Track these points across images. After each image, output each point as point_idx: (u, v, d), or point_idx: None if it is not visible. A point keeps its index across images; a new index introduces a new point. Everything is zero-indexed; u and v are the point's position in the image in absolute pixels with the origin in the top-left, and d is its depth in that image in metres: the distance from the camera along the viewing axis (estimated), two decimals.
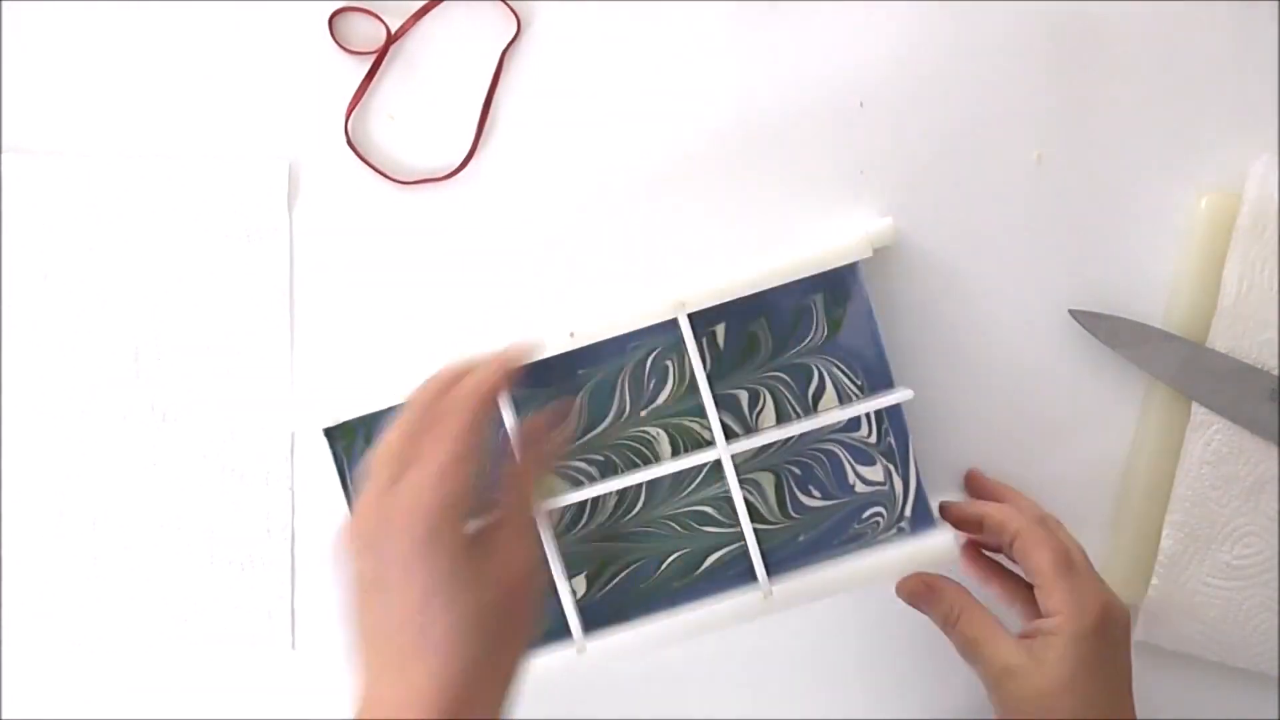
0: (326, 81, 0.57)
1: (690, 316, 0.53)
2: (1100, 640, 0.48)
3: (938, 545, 0.54)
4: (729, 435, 0.54)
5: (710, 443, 0.54)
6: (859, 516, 0.55)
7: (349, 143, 0.57)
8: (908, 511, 0.54)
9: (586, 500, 0.54)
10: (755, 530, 0.54)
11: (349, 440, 0.55)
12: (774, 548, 0.54)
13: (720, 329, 0.54)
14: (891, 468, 0.54)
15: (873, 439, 0.54)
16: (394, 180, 0.57)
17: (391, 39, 0.57)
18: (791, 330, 0.54)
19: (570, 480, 0.54)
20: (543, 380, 0.54)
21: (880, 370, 0.54)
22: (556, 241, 0.58)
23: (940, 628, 0.51)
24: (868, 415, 0.54)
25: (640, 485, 0.54)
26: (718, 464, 0.54)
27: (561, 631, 0.54)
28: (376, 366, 0.58)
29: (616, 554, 0.54)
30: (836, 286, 0.54)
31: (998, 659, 0.49)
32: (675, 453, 0.54)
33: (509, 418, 0.53)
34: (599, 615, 0.54)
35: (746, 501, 0.54)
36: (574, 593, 0.54)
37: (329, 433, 0.55)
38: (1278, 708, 0.57)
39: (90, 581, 0.57)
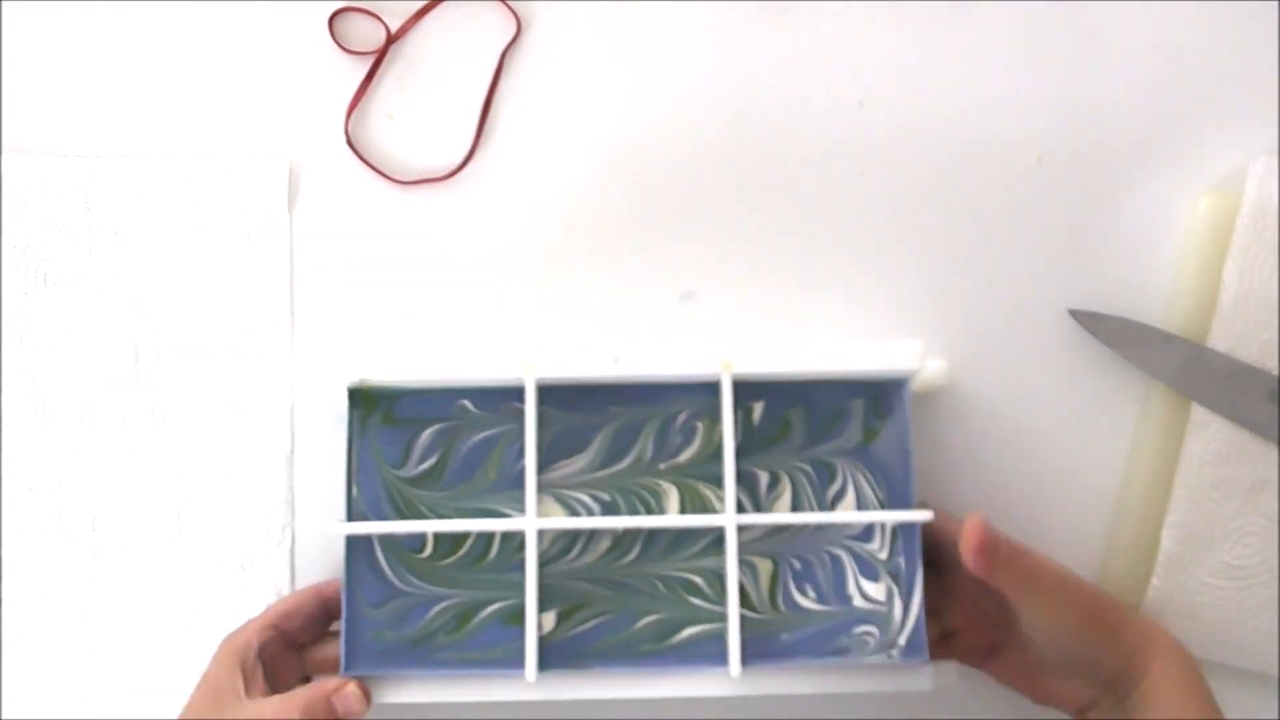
0: (326, 81, 0.57)
1: (733, 388, 0.53)
2: None
3: (920, 684, 0.53)
4: (740, 511, 0.53)
5: (719, 514, 0.53)
6: (849, 630, 0.53)
7: (349, 143, 0.57)
8: (901, 640, 0.52)
9: (581, 534, 0.53)
10: (740, 615, 0.52)
11: (368, 410, 0.54)
12: (754, 638, 0.52)
13: (758, 407, 0.54)
14: (896, 589, 0.53)
15: (883, 554, 0.53)
16: (394, 180, 0.57)
17: (391, 39, 0.57)
18: (827, 428, 0.54)
19: (569, 509, 0.53)
20: (573, 405, 0.53)
21: (903, 490, 0.53)
22: (556, 242, 0.58)
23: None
24: (882, 530, 0.53)
25: (638, 535, 0.53)
26: (719, 537, 0.52)
27: (513, 661, 0.52)
28: (376, 367, 0.57)
29: (594, 599, 0.53)
30: (880, 399, 0.54)
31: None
32: (682, 514, 0.53)
33: (531, 434, 0.52)
34: (558, 657, 0.53)
35: (739, 583, 0.52)
36: (540, 626, 0.52)
37: (353, 395, 0.53)
38: (1278, 708, 0.57)
39: (90, 581, 0.57)
